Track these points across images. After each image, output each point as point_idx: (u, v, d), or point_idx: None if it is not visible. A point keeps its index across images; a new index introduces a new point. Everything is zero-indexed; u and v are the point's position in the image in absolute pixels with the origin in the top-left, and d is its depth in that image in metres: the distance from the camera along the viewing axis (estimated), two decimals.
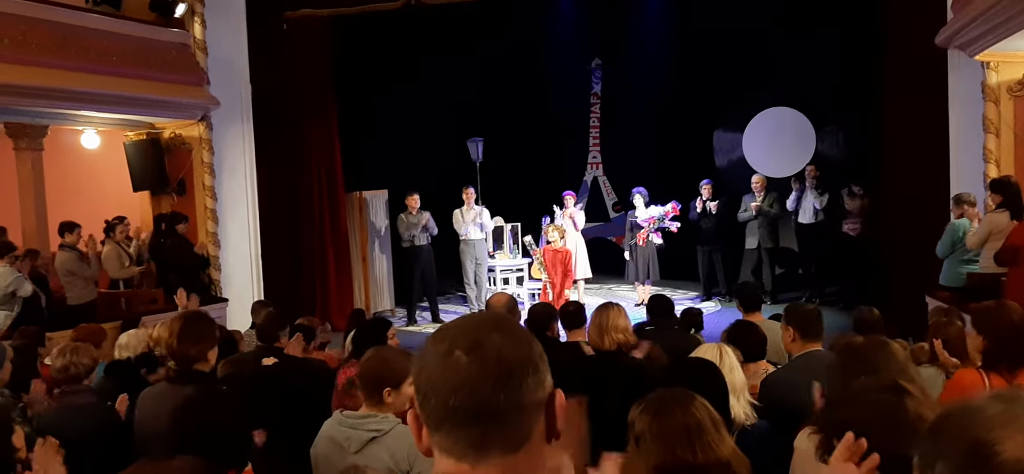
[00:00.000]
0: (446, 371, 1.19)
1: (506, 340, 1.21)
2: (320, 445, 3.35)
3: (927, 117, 8.90)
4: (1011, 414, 1.13)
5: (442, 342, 1.23)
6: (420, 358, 1.25)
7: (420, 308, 12.02)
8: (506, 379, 1.18)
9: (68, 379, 4.16)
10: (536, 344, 1.26)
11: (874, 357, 2.70)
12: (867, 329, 5.23)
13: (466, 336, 1.22)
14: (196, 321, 3.87)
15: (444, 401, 1.19)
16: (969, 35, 7.79)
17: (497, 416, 1.18)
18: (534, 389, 1.21)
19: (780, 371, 4.26)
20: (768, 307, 9.18)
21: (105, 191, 10.58)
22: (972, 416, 1.16)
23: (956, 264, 7.49)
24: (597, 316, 4.55)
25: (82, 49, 8.83)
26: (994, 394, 1.20)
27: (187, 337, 3.71)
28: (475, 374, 1.18)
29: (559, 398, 1.26)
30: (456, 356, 1.19)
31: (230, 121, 10.47)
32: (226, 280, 10.50)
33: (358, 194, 12.30)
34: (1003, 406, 1.15)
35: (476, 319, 1.28)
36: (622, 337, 4.43)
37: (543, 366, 1.24)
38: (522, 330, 1.28)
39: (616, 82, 14.93)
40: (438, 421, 1.21)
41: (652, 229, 11.87)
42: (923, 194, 8.92)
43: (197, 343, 3.72)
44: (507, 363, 1.19)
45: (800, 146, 13.07)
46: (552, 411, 1.25)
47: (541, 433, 1.23)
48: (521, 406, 1.20)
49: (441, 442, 1.22)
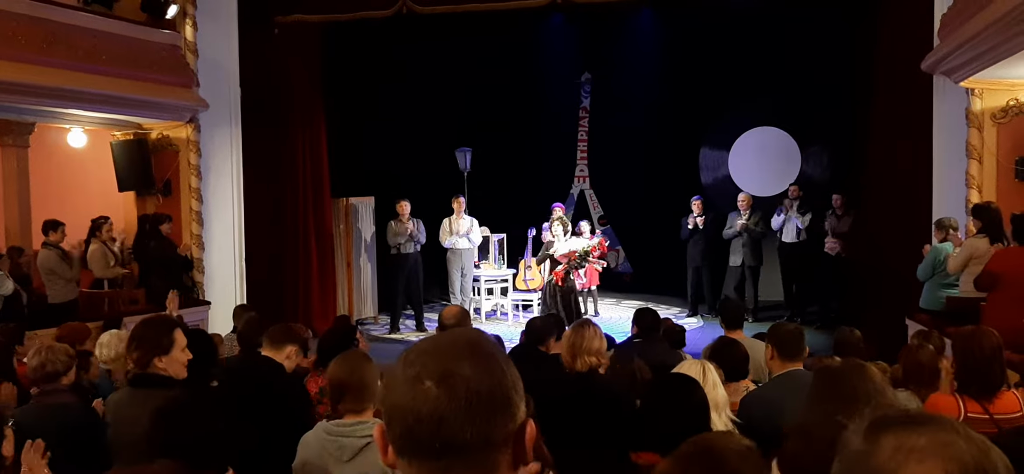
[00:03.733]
0: (414, 400, 1.13)
1: (478, 371, 1.15)
2: (305, 455, 3.26)
3: (911, 141, 9.00)
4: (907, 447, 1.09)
5: (412, 367, 1.16)
6: (388, 379, 1.20)
7: (405, 315, 12.00)
8: (475, 414, 1.13)
9: (44, 378, 4.13)
10: (510, 373, 1.19)
11: (851, 379, 2.72)
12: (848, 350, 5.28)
13: (437, 363, 1.16)
14: (152, 325, 3.80)
15: (409, 429, 1.14)
16: (955, 62, 7.88)
17: (463, 451, 1.13)
18: (504, 423, 1.16)
19: (760, 390, 4.29)
20: (750, 325, 9.25)
21: (90, 190, 10.52)
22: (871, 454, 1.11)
23: (936, 287, 7.56)
24: (571, 335, 4.40)
25: (71, 47, 8.80)
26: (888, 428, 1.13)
27: (143, 341, 3.64)
28: (443, 407, 1.12)
29: (529, 429, 1.20)
30: (426, 386, 1.13)
31: (218, 124, 10.44)
32: (209, 283, 10.45)
33: (345, 200, 12.28)
34: (896, 441, 1.10)
35: (449, 343, 1.21)
36: (594, 360, 4.28)
37: (516, 397, 1.18)
38: (496, 358, 1.20)
39: (605, 96, 15.00)
40: (401, 448, 1.16)
41: (571, 266, 10.87)
42: (905, 217, 8.99)
43: (153, 346, 3.62)
44: (477, 396, 1.13)
45: (785, 165, 13.17)
46: (521, 442, 1.18)
47: (508, 464, 1.18)
48: (489, 442, 1.14)
49: (404, 468, 1.17)
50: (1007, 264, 6.44)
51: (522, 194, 13.72)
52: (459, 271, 11.84)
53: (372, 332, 11.46)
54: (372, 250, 12.61)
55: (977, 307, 6.62)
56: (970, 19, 7.26)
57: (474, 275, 12.11)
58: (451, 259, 11.86)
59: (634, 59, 14.30)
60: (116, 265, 9.52)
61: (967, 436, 1.08)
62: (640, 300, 11.94)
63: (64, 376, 4.21)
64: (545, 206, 12.29)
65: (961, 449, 1.06)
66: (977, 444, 1.08)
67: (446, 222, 11.84)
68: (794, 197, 11.47)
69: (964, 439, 1.08)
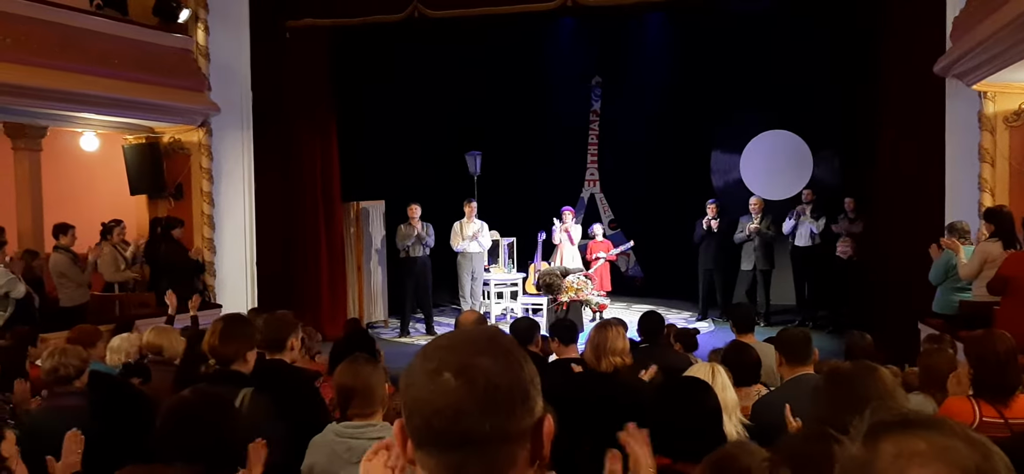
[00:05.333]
0: (432, 392, 1.15)
1: (497, 364, 1.16)
2: (314, 458, 3.26)
3: (923, 145, 8.95)
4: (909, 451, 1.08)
5: (431, 361, 1.18)
6: (408, 373, 1.21)
7: (414, 319, 12.02)
8: (494, 407, 1.14)
9: (57, 381, 4.15)
10: (528, 367, 1.20)
11: (862, 383, 2.70)
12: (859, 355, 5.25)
13: (456, 356, 1.17)
14: (236, 322, 4.03)
15: (427, 421, 1.15)
16: (967, 65, 7.84)
17: (481, 444, 1.14)
18: (522, 417, 1.17)
19: (770, 395, 4.27)
20: (762, 329, 9.22)
21: (102, 194, 10.57)
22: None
23: (949, 292, 7.50)
24: (595, 335, 4.36)
25: (84, 51, 8.85)
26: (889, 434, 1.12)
27: (227, 337, 3.84)
28: (462, 399, 1.13)
29: (547, 425, 1.21)
30: (444, 378, 1.15)
31: (230, 127, 10.48)
32: (220, 286, 10.50)
33: (355, 204, 12.30)
34: (896, 446, 1.09)
35: (468, 338, 1.22)
36: (619, 360, 4.24)
37: (534, 391, 1.20)
38: (515, 352, 1.21)
39: (615, 100, 14.98)
40: (420, 440, 1.18)
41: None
42: (918, 221, 8.94)
43: (236, 343, 3.84)
44: (496, 389, 1.15)
45: (797, 169, 13.12)
46: (539, 437, 1.20)
47: (525, 459, 1.19)
48: (507, 435, 1.15)
49: (423, 460, 1.19)
50: (1020, 268, 6.39)
51: (532, 198, 13.71)
52: (469, 275, 11.83)
53: (382, 336, 11.47)
54: (382, 254, 12.63)
55: (991, 311, 6.58)
56: (982, 22, 7.22)
57: (484, 279, 12.11)
58: (461, 263, 11.86)
59: (645, 62, 14.29)
60: (126, 269, 9.56)
61: (967, 438, 1.08)
62: (650, 304, 11.91)
63: (76, 379, 4.23)
64: (555, 210, 12.27)
65: (962, 453, 1.06)
66: (978, 447, 1.07)
67: (457, 225, 11.84)
68: (807, 201, 11.43)
69: (964, 442, 1.07)
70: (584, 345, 4.76)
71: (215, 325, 4.00)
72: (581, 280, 11.02)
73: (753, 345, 5.23)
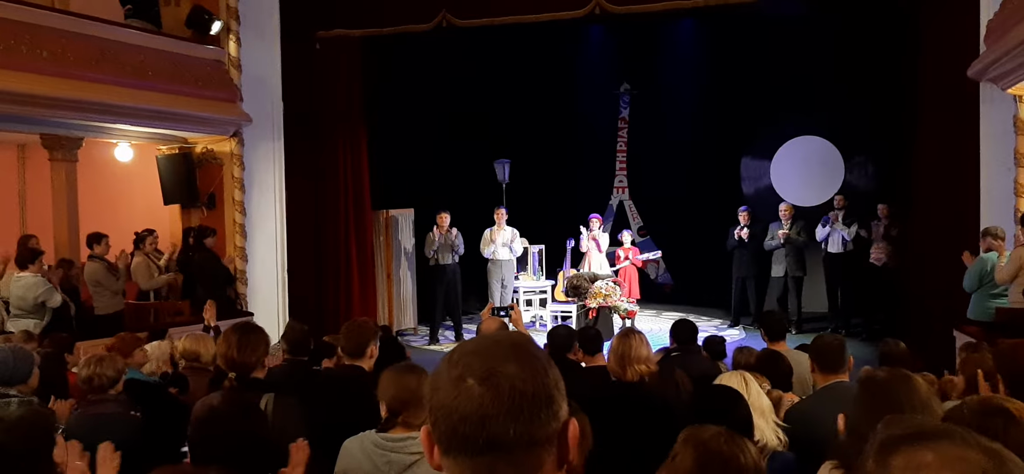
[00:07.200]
0: (458, 398, 1.16)
1: (522, 370, 1.17)
2: (347, 465, 3.16)
3: (958, 150, 8.83)
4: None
5: (456, 367, 1.19)
6: (434, 378, 1.22)
7: (444, 327, 12.05)
8: (519, 412, 1.15)
9: (93, 389, 4.22)
10: (553, 372, 1.21)
11: (897, 391, 2.67)
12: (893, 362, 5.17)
13: (481, 362, 1.18)
14: (250, 331, 4.03)
15: (454, 427, 1.16)
16: (1002, 68, 7.73)
17: (507, 449, 1.15)
18: (547, 422, 1.18)
19: (803, 403, 4.22)
20: (793, 337, 9.13)
21: (136, 204, 10.72)
22: None
23: (984, 298, 7.39)
24: (618, 344, 4.29)
25: (119, 63, 8.99)
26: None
27: (246, 347, 3.86)
28: (487, 405, 1.15)
29: (573, 428, 1.22)
30: (469, 384, 1.16)
31: (261, 137, 10.60)
32: (252, 294, 10.60)
33: (385, 212, 12.37)
34: (904, 460, 1.09)
35: (492, 344, 1.23)
36: (644, 369, 4.18)
37: (559, 396, 1.20)
38: (539, 357, 1.22)
39: (644, 107, 14.94)
40: (447, 446, 1.19)
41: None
42: (952, 226, 8.82)
43: (255, 352, 3.87)
44: (521, 395, 1.15)
45: (828, 176, 12.99)
46: (565, 441, 1.20)
47: (553, 464, 1.19)
48: (533, 440, 1.16)
49: (449, 466, 1.20)
50: None
51: (560, 205, 13.71)
52: (499, 282, 11.84)
53: (412, 343, 11.51)
54: (412, 261, 12.68)
55: None
56: (1017, 25, 7.12)
57: (513, 286, 12.12)
58: (492, 270, 11.87)
59: (674, 69, 14.26)
60: (159, 276, 9.67)
61: (980, 446, 1.08)
62: (680, 311, 11.85)
63: (111, 387, 4.29)
64: (583, 217, 12.26)
65: (972, 462, 1.06)
66: (991, 454, 1.07)
67: (487, 232, 11.87)
68: (840, 207, 11.33)
69: (976, 450, 1.07)
70: (607, 354, 4.72)
71: (228, 337, 3.94)
72: (610, 286, 11.00)
73: (784, 353, 5.20)
